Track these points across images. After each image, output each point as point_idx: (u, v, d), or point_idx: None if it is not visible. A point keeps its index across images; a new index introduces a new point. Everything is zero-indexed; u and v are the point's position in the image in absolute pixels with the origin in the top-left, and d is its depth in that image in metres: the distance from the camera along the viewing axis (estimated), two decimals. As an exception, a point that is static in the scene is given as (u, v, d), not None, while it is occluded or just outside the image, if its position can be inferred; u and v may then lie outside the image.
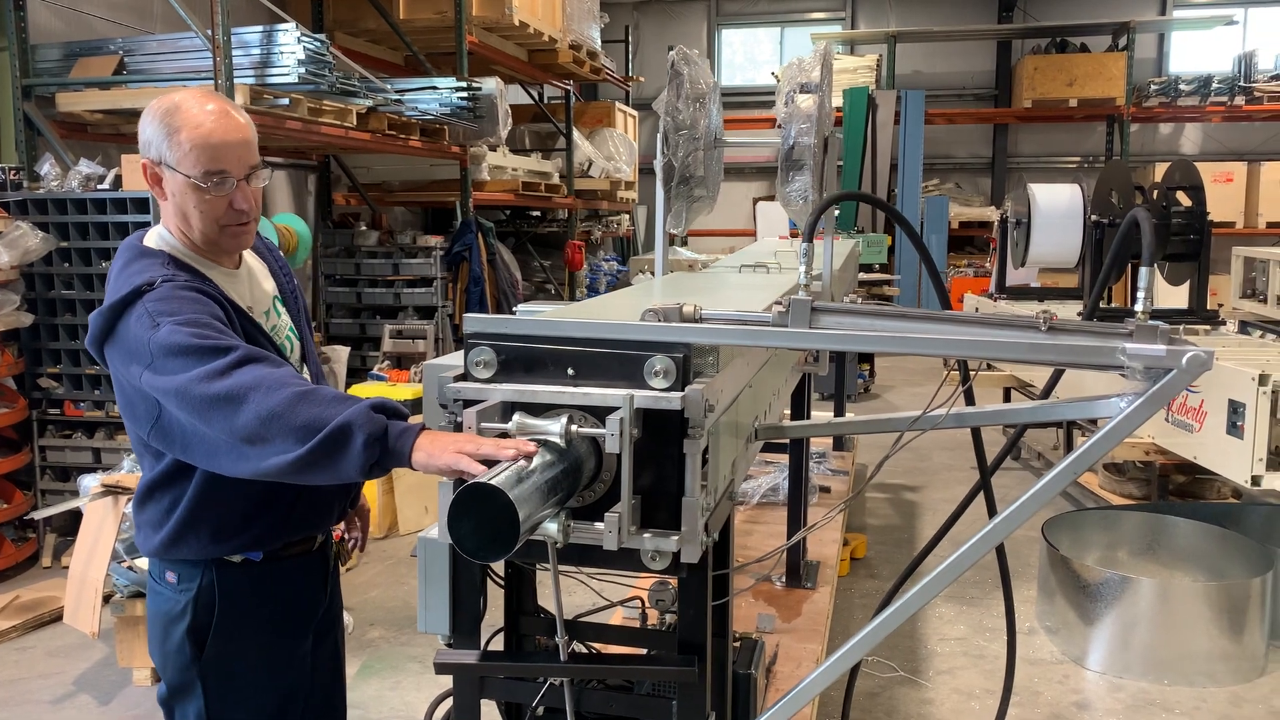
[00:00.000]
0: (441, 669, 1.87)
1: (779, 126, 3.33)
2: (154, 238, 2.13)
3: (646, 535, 1.61)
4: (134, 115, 6.19)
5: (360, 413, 1.72)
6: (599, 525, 1.56)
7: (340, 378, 7.93)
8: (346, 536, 2.48)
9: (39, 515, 5.11)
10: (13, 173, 5.74)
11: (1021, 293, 7.65)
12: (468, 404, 1.65)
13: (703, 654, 1.82)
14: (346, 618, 4.65)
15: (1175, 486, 5.87)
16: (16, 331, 5.54)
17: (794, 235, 7.22)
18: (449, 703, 2.01)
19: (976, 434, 2.44)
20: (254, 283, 2.24)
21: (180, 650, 2.13)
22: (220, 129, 2.02)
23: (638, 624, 2.46)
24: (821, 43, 3.16)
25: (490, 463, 1.55)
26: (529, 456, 1.51)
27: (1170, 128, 15.58)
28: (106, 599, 4.17)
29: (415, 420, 1.76)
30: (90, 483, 4.50)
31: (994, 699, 3.57)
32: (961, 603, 5.02)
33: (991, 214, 11.75)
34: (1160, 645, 4.22)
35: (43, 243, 5.31)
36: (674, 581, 2.09)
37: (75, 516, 4.77)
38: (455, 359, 1.80)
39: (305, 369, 2.33)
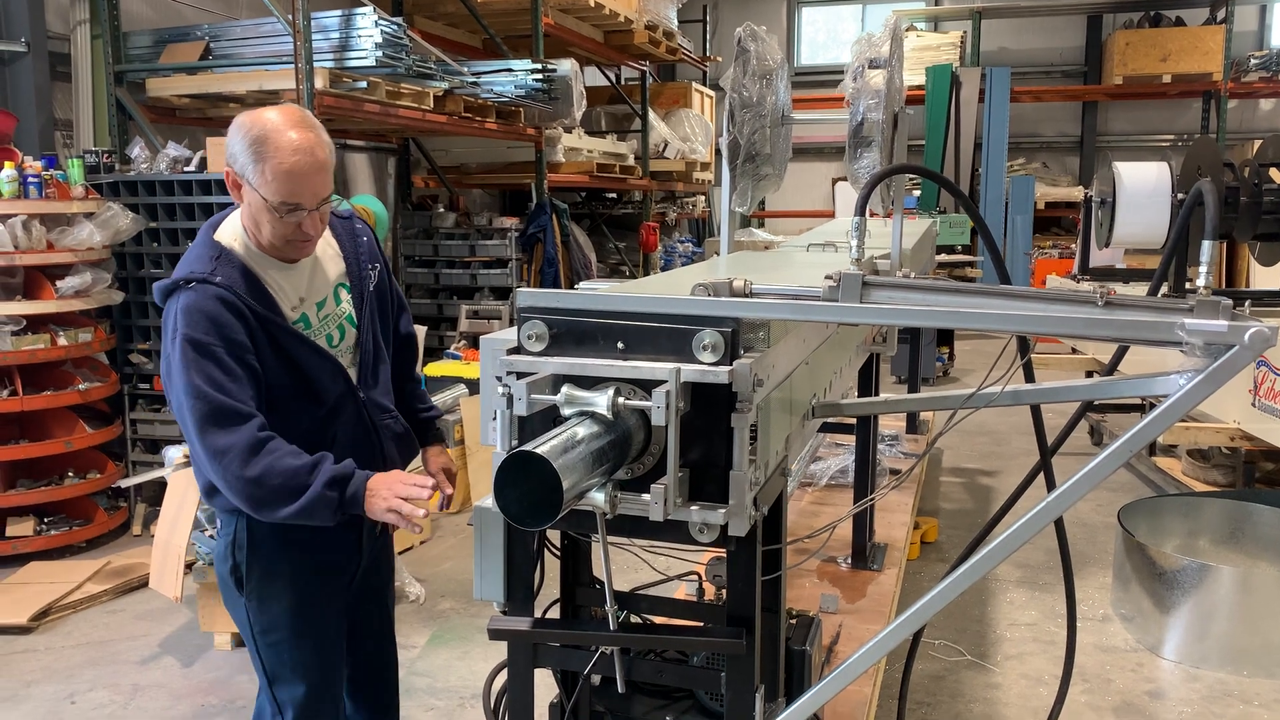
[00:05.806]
0: (495, 635, 1.91)
1: (848, 103, 3.29)
2: (227, 228, 2.31)
3: (694, 508, 1.61)
4: (219, 99, 6.42)
5: (318, 497, 2.14)
6: (646, 497, 1.58)
7: (418, 356, 8.09)
8: (441, 495, 2.60)
9: (125, 484, 5.32)
10: (105, 155, 5.97)
11: (1106, 274, 7.42)
12: (519, 376, 1.68)
13: (751, 627, 1.83)
14: (419, 588, 4.80)
15: (1263, 474, 5.68)
16: (109, 309, 5.75)
17: (871, 215, 7.10)
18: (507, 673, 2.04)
19: (1036, 411, 2.40)
20: (314, 273, 2.37)
21: (229, 588, 2.41)
22: (301, 166, 2.16)
23: (695, 599, 2.48)
24: (892, 17, 3.11)
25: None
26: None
27: (1271, 104, 14.96)
28: (189, 566, 4.33)
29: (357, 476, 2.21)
30: (174, 454, 4.66)
31: (1063, 685, 3.50)
32: (1034, 588, 4.94)
33: (1079, 194, 11.40)
34: (1240, 635, 4.10)
35: (133, 223, 5.51)
36: (726, 555, 2.09)
37: (164, 486, 4.95)
38: (513, 333, 1.82)
39: (357, 353, 2.44)
